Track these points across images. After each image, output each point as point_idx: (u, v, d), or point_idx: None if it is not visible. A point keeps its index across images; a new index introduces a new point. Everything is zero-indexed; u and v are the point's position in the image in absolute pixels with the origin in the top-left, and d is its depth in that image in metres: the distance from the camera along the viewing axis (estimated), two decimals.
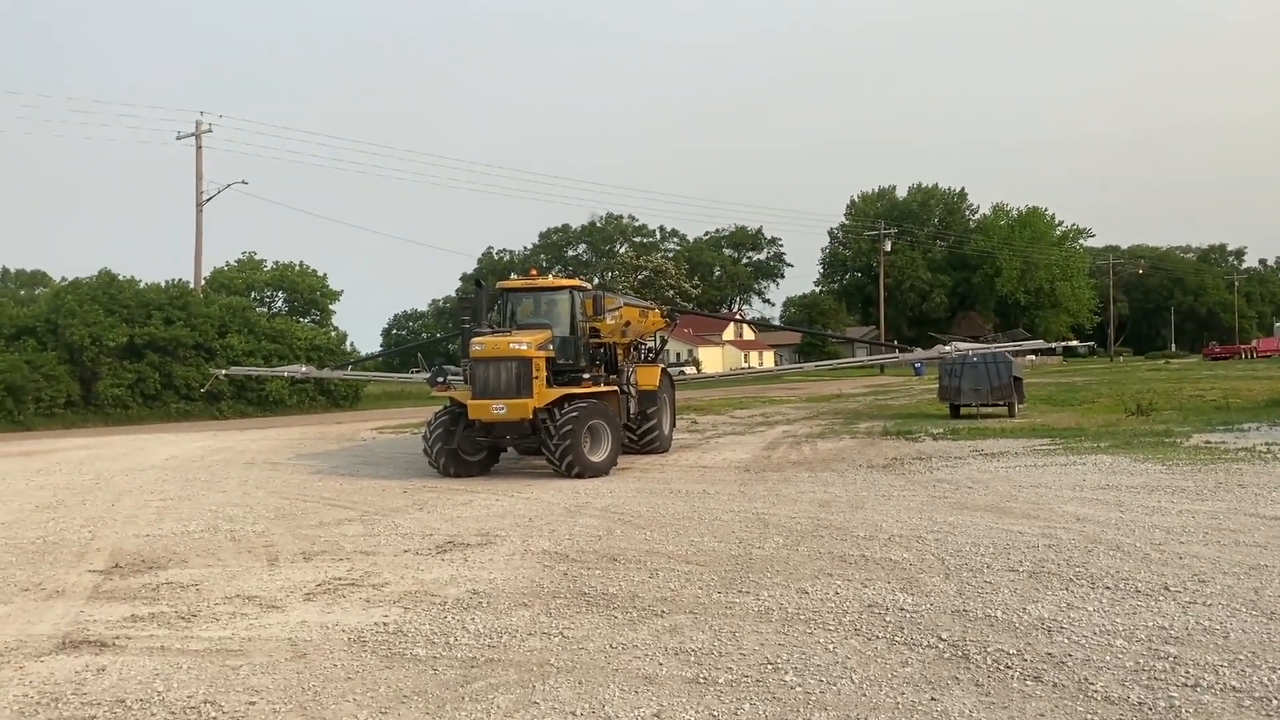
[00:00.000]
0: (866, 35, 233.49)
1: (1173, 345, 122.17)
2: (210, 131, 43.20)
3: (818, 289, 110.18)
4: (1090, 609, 6.80)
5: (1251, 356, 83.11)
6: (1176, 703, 5.04)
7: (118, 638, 6.81)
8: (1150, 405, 25.10)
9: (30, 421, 32.21)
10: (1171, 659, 5.70)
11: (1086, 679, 5.42)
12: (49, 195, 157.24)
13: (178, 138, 43.56)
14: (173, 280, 40.21)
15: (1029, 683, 5.41)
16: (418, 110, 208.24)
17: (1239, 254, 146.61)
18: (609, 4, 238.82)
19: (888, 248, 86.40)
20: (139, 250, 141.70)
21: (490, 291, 18.37)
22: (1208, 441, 17.48)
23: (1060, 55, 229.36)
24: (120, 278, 38.11)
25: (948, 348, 21.05)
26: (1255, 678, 5.36)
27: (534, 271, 19.04)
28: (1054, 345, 27.90)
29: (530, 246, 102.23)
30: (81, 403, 34.52)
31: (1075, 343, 26.26)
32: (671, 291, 78.37)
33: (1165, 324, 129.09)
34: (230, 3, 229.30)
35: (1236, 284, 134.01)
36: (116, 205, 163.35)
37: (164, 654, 6.41)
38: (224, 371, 32.17)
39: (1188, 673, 5.46)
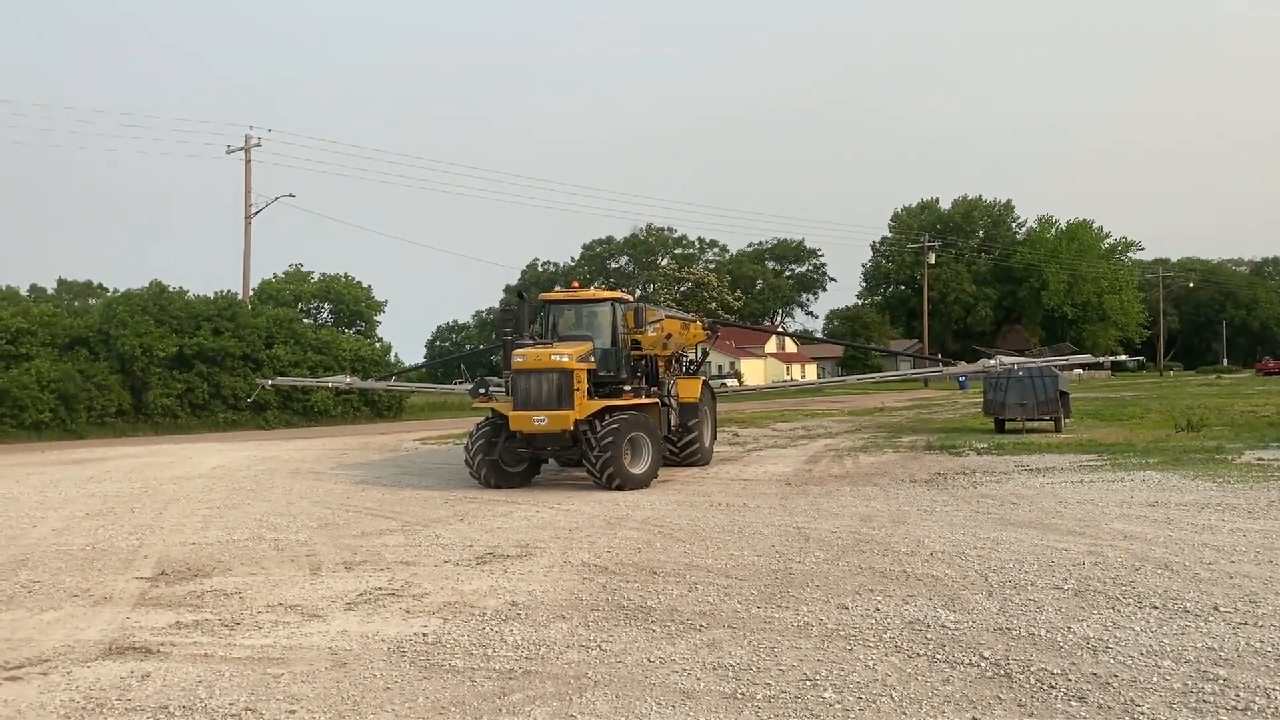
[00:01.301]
0: (909, 47, 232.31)
1: (1224, 360, 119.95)
2: (259, 145, 44.05)
3: (860, 302, 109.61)
4: (1137, 629, 6.67)
5: None
6: None
7: (162, 644, 6.91)
8: (1201, 421, 24.63)
9: (82, 430, 32.86)
10: (1221, 681, 5.58)
11: (1132, 700, 5.32)
12: (103, 208, 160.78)
13: (228, 152, 44.45)
14: (221, 292, 40.88)
15: (1073, 703, 5.32)
16: (463, 124, 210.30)
17: None
18: (654, 20, 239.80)
19: (931, 260, 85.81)
20: (189, 262, 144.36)
21: (532, 303, 18.44)
22: (1260, 458, 17.11)
23: (1110, 66, 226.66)
24: (170, 289, 38.79)
25: (992, 362, 20.78)
26: None
27: (576, 284, 19.09)
28: (1101, 359, 27.44)
29: (574, 258, 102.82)
30: (132, 412, 35.12)
31: (1124, 356, 25.75)
32: (714, 304, 78.37)
33: (1217, 338, 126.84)
34: (279, 18, 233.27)
35: None
36: (167, 218, 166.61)
37: (207, 661, 6.49)
38: (270, 381, 32.58)
39: (1237, 695, 5.34)
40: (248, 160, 43.73)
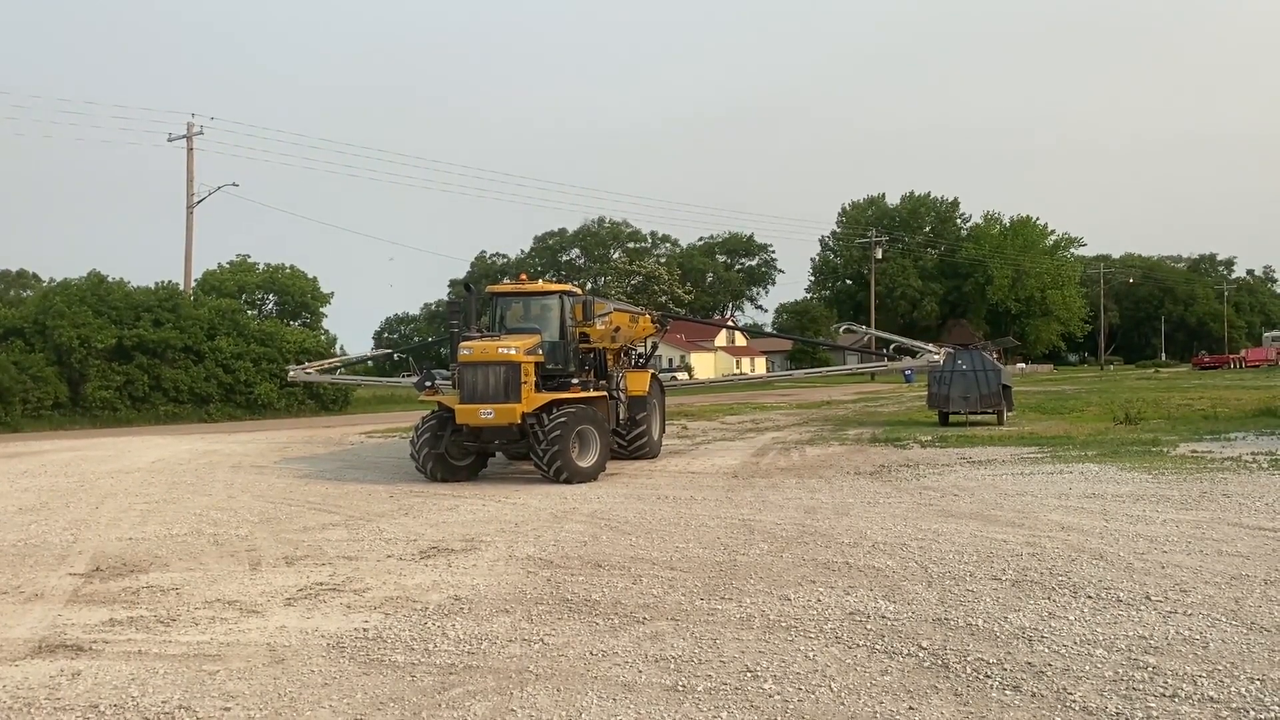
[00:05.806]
0: (859, 45, 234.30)
1: (1163, 354, 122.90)
2: (201, 133, 43.22)
3: (809, 296, 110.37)
4: (1071, 618, 6.79)
5: (1240, 366, 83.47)
6: (1154, 713, 5.04)
7: (95, 642, 6.76)
8: (1139, 414, 25.15)
9: (18, 423, 32.06)
10: (1150, 669, 5.70)
11: (1065, 689, 5.41)
12: (39, 196, 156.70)
13: (169, 140, 43.64)
14: (163, 282, 40.09)
15: (1008, 692, 5.41)
16: (413, 114, 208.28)
17: (1229, 264, 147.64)
18: (606, 20, 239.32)
19: (879, 255, 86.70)
20: (129, 252, 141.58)
21: (480, 296, 18.31)
22: (1194, 451, 17.51)
23: (1054, 65, 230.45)
24: (110, 279, 37.98)
25: (937, 357, 21.06)
26: (1234, 688, 5.36)
27: (524, 276, 18.98)
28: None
29: (525, 251, 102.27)
30: (69, 404, 34.35)
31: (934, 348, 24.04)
32: (665, 297, 78.58)
33: (1155, 333, 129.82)
34: (223, 4, 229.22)
35: (1226, 294, 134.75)
36: (107, 207, 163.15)
37: (141, 658, 6.37)
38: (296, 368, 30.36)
39: (1166, 683, 5.46)
40: (190, 148, 42.96)
